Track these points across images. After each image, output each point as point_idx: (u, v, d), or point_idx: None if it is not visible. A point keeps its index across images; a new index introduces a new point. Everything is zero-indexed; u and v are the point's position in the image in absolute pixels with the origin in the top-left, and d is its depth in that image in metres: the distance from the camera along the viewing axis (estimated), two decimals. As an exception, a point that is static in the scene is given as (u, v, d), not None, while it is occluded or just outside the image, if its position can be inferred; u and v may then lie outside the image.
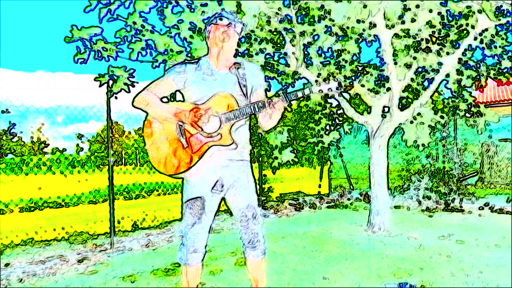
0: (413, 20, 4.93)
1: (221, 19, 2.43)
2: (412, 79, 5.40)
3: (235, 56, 2.55)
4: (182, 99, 2.46)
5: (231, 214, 2.66)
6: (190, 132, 2.38)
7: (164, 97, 2.42)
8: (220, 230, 5.87)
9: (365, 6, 4.77)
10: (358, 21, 4.87)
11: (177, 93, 2.50)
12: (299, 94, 2.43)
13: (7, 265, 4.20)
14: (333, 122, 5.78)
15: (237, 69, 2.48)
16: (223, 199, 2.48)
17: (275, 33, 5.12)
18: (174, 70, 2.44)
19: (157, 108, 2.38)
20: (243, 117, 2.40)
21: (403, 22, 4.96)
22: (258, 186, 7.79)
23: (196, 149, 2.37)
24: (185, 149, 2.37)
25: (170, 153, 2.39)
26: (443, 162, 9.65)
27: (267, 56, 5.19)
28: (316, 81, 5.21)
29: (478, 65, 5.32)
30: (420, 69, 5.38)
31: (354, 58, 5.29)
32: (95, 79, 4.81)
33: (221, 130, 2.38)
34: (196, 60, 2.50)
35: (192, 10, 4.84)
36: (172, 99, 2.53)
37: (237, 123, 2.42)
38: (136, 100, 2.40)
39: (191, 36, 4.87)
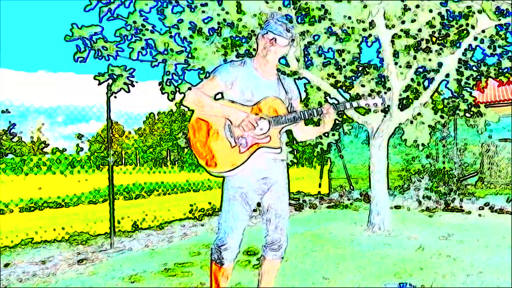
0: (413, 20, 4.93)
1: (267, 32, 2.42)
2: (412, 79, 5.39)
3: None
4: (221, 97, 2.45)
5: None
6: (238, 132, 2.38)
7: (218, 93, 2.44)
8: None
9: (365, 6, 4.77)
10: (358, 21, 4.87)
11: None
12: (348, 105, 2.55)
13: (7, 265, 4.20)
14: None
15: (280, 79, 2.55)
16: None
17: (275, 33, 5.11)
18: (222, 70, 2.44)
19: (208, 108, 2.37)
20: (292, 123, 2.46)
21: (403, 22, 4.96)
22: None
23: (244, 149, 2.38)
24: (232, 148, 2.37)
25: (215, 151, 2.37)
26: (443, 162, 9.64)
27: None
28: (362, 95, 5.22)
29: (478, 65, 5.32)
30: (420, 69, 5.38)
31: (354, 58, 5.29)
32: (94, 78, 4.82)
33: (270, 132, 2.41)
34: (242, 60, 2.53)
35: (192, 10, 4.84)
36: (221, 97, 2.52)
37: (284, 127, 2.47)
38: (186, 100, 2.41)
39: (191, 36, 4.87)
